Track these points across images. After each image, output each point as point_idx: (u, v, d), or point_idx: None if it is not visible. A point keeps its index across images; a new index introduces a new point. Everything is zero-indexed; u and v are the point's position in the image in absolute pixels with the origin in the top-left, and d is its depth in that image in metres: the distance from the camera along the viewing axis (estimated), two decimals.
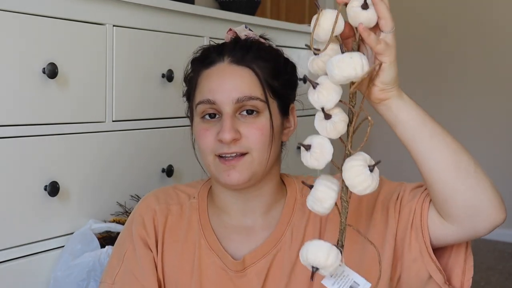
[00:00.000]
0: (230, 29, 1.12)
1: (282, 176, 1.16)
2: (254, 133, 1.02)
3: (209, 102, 1.03)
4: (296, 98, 1.14)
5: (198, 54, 1.11)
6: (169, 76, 1.69)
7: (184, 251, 1.11)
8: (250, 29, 1.13)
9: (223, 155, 1.03)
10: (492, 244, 3.58)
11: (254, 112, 1.03)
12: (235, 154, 1.02)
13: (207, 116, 1.05)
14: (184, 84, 1.15)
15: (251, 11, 2.49)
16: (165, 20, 1.70)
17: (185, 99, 1.16)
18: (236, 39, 1.09)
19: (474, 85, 3.77)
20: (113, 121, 1.55)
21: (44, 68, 1.32)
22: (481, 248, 3.51)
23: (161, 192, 1.18)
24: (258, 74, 1.04)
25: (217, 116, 1.04)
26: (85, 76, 1.45)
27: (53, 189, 1.35)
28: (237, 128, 1.02)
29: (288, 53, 1.19)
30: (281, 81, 1.07)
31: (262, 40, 1.12)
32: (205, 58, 1.08)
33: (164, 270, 1.11)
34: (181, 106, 1.80)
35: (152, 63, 1.66)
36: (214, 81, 1.04)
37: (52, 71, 1.33)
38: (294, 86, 1.13)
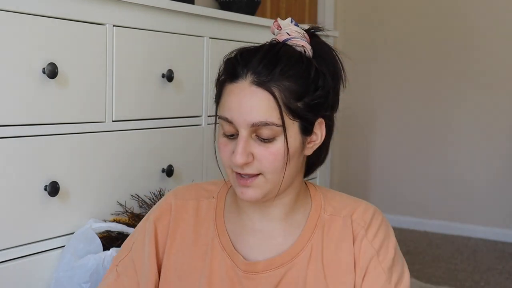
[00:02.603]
0: (276, 20, 1.09)
1: (308, 185, 1.16)
2: (267, 158, 1.01)
3: (227, 120, 1.03)
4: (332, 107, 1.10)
5: (232, 55, 1.08)
6: (169, 76, 1.69)
7: (196, 248, 1.12)
8: (296, 24, 1.09)
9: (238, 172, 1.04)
10: (492, 244, 3.59)
11: (268, 139, 1.02)
12: (248, 175, 1.03)
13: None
14: (215, 84, 1.12)
15: (251, 11, 2.49)
16: (165, 20, 1.70)
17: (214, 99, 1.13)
18: (267, 50, 1.05)
19: (474, 84, 3.77)
20: (113, 121, 1.55)
21: (44, 68, 1.33)
22: (481, 248, 3.51)
23: (183, 188, 1.20)
24: (277, 99, 1.01)
25: (235, 135, 1.04)
26: (85, 76, 1.45)
27: (53, 189, 1.35)
28: (251, 150, 1.01)
29: None
30: (306, 101, 1.03)
31: (300, 42, 1.07)
32: (232, 69, 1.05)
33: (169, 264, 1.12)
34: (181, 106, 1.80)
35: (152, 63, 1.67)
36: (233, 101, 1.02)
37: (52, 71, 1.33)
38: (324, 102, 1.07)
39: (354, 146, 4.15)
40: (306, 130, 1.06)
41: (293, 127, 1.03)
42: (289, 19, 1.10)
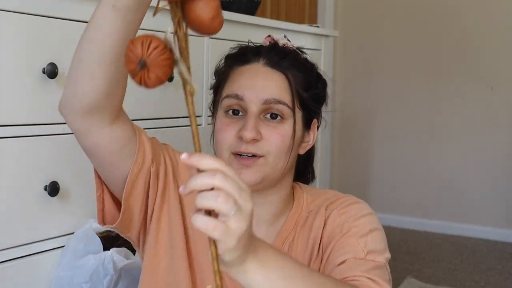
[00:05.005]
0: (269, 35, 1.13)
1: (294, 186, 1.14)
2: (276, 138, 1.01)
3: (237, 97, 1.02)
4: (321, 116, 1.14)
5: (234, 50, 1.10)
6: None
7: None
8: (288, 39, 1.13)
9: (240, 153, 1.01)
10: (492, 244, 3.58)
11: (278, 117, 1.02)
12: (251, 154, 1.01)
13: (230, 112, 1.04)
14: (213, 77, 1.14)
15: (251, 11, 2.49)
16: (165, 20, 1.70)
17: (211, 91, 1.14)
18: (274, 44, 1.09)
19: (474, 84, 3.77)
20: None
21: (44, 68, 1.32)
22: (481, 248, 3.51)
23: None
24: (290, 80, 1.03)
25: (240, 113, 1.03)
26: None
27: (53, 189, 1.35)
28: (259, 129, 1.01)
29: None
30: (310, 94, 1.07)
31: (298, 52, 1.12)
32: (241, 56, 1.07)
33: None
34: (181, 106, 1.80)
35: None
36: (245, 78, 1.03)
37: (52, 71, 1.33)
38: (321, 102, 1.12)
39: (354, 146, 4.15)
40: (307, 124, 1.08)
41: (298, 116, 1.05)
42: (282, 34, 1.14)
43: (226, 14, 1.95)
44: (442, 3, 3.84)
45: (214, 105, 1.12)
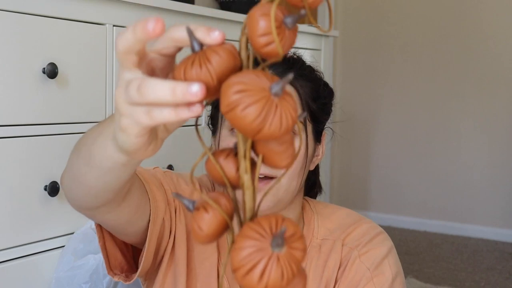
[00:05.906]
0: None
1: (303, 204, 1.07)
2: None
3: None
4: (327, 126, 1.08)
5: None
6: None
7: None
8: None
9: None
10: (492, 244, 3.58)
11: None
12: (263, 176, 0.94)
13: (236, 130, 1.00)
14: None
15: None
16: (165, 20, 1.70)
17: (209, 107, 1.06)
18: None
19: (473, 85, 3.77)
20: None
21: (44, 68, 1.33)
22: (481, 248, 3.51)
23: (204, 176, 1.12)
24: (300, 93, 0.97)
25: None
26: (85, 76, 1.45)
27: (53, 189, 1.35)
28: None
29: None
30: (319, 105, 1.01)
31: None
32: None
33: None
34: None
35: None
36: None
37: (52, 71, 1.33)
38: (329, 112, 1.05)
39: (354, 146, 4.15)
40: (317, 137, 1.02)
41: (309, 129, 0.99)
42: None
43: (226, 14, 1.95)
44: (442, 5, 3.84)
45: (214, 122, 1.06)
